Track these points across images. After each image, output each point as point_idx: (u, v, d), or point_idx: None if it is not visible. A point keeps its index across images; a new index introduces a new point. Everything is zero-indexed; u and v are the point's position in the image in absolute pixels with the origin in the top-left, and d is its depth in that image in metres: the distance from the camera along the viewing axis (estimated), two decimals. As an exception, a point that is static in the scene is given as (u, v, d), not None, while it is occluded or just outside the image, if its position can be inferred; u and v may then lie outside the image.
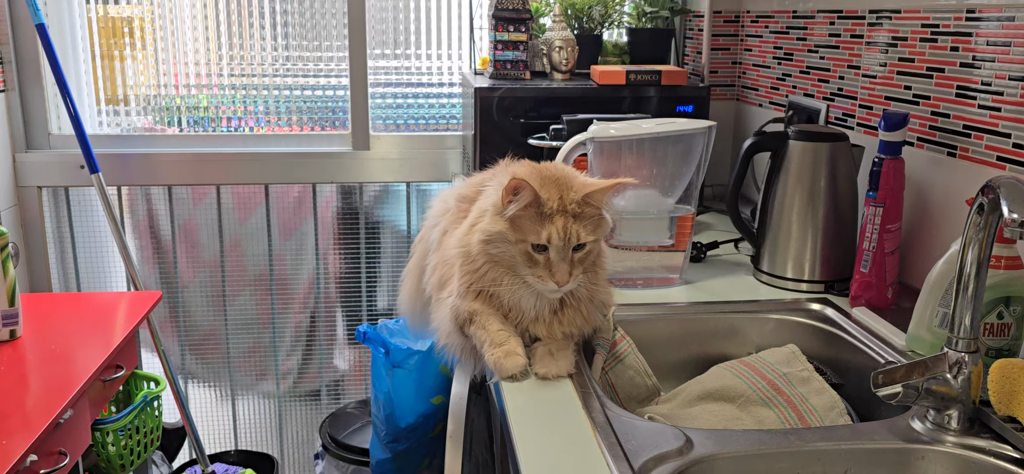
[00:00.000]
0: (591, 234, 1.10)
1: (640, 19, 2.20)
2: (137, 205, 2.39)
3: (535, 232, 1.07)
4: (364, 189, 2.43)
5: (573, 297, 1.14)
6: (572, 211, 1.08)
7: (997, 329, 1.10)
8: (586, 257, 1.11)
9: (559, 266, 1.08)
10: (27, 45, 2.19)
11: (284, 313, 2.50)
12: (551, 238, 1.07)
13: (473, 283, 1.13)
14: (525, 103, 1.91)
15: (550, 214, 1.07)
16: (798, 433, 0.99)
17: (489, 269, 1.12)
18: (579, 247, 1.10)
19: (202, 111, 2.38)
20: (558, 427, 0.99)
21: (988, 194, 0.89)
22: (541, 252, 1.08)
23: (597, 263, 1.18)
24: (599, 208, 1.12)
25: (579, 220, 1.09)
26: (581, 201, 1.09)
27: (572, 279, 1.09)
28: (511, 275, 1.11)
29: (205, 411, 2.54)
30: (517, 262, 1.10)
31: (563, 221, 1.07)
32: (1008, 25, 1.21)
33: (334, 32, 2.34)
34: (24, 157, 2.24)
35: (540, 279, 1.08)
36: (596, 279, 1.17)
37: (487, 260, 1.11)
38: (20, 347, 1.58)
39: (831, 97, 1.70)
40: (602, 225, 1.13)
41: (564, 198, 1.08)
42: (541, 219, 1.08)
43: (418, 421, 1.86)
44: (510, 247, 1.09)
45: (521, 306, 1.13)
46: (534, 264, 1.09)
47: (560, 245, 1.07)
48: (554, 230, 1.07)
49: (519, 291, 1.12)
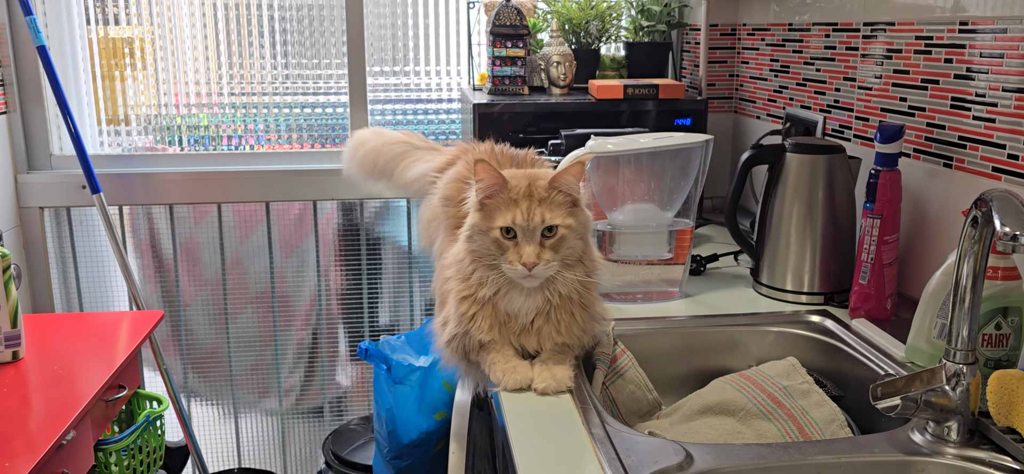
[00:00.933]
0: (560, 218, 1.13)
1: (637, 33, 2.21)
2: (139, 224, 2.40)
3: (503, 216, 1.12)
4: (365, 205, 2.44)
5: (562, 298, 1.16)
6: (539, 196, 1.12)
7: (995, 340, 1.10)
8: (560, 244, 1.13)
9: (525, 248, 1.11)
10: (28, 67, 2.21)
11: (286, 330, 2.50)
12: (516, 219, 1.11)
13: (466, 295, 1.16)
14: (524, 118, 1.92)
15: (516, 199, 1.12)
16: (798, 447, 0.99)
17: (475, 268, 1.16)
18: (550, 231, 1.12)
19: (203, 130, 2.39)
20: (558, 442, 0.99)
21: (981, 207, 0.90)
22: (511, 238, 1.12)
23: (589, 268, 1.19)
24: (569, 193, 1.15)
25: (545, 204, 1.12)
26: (548, 186, 1.13)
27: (541, 262, 1.11)
28: (495, 272, 1.15)
29: (208, 429, 2.54)
30: (492, 251, 1.14)
31: (528, 204, 1.12)
32: (1001, 37, 1.22)
33: (333, 49, 2.36)
34: (26, 178, 2.25)
35: (511, 264, 1.12)
36: (588, 286, 1.19)
37: (473, 259, 1.16)
38: (22, 368, 1.59)
39: (828, 109, 1.71)
40: (575, 213, 1.15)
41: (532, 185, 1.13)
42: (508, 204, 1.13)
43: (421, 437, 1.86)
44: (485, 237, 1.14)
45: (513, 307, 1.15)
46: (505, 250, 1.13)
47: (524, 226, 1.11)
48: (519, 212, 1.11)
49: (507, 290, 1.15)
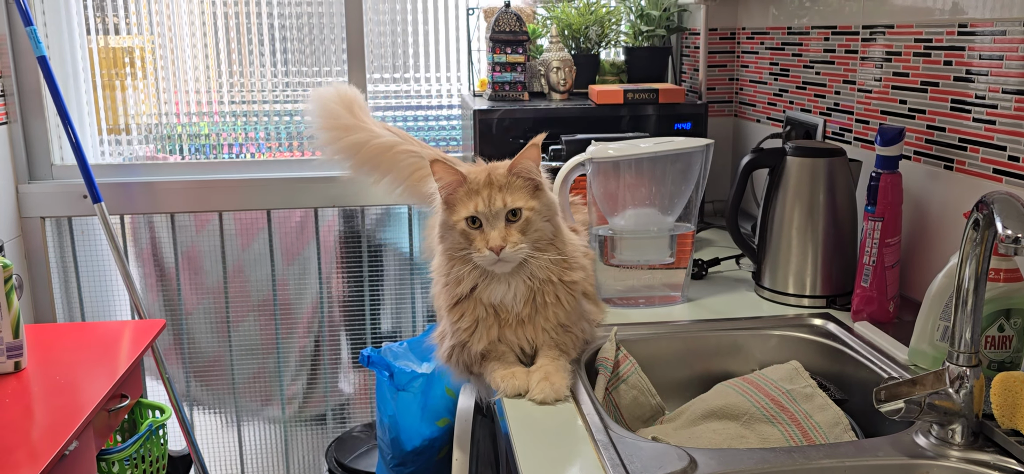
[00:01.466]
0: (522, 200, 1.16)
1: (637, 38, 2.21)
2: (140, 233, 2.40)
3: (465, 207, 1.15)
4: (366, 212, 2.44)
5: (541, 282, 1.18)
6: (499, 183, 1.16)
7: (998, 342, 1.10)
8: (526, 226, 1.16)
9: (490, 234, 1.14)
10: (29, 77, 2.21)
11: (288, 338, 2.50)
12: (478, 207, 1.14)
13: (455, 302, 1.19)
14: (524, 124, 1.92)
15: (477, 189, 1.16)
16: (802, 451, 0.99)
17: (453, 266, 1.19)
18: (514, 215, 1.15)
19: (203, 138, 2.40)
20: (561, 449, 0.99)
21: (983, 210, 0.90)
22: (477, 227, 1.15)
23: (561, 250, 1.20)
24: (529, 177, 1.18)
25: (507, 189, 1.16)
26: (507, 173, 1.17)
27: (509, 245, 1.14)
28: (469, 264, 1.17)
29: (211, 438, 2.54)
30: (462, 244, 1.16)
31: (488, 191, 1.15)
32: (1000, 39, 1.22)
33: (333, 57, 2.36)
34: (27, 188, 2.25)
35: (479, 252, 1.14)
36: (569, 265, 1.21)
37: (449, 258, 1.19)
38: (24, 379, 1.59)
39: (828, 112, 1.71)
40: (538, 196, 1.18)
41: (491, 174, 1.17)
42: (470, 195, 1.16)
43: (424, 445, 1.86)
44: (453, 232, 1.17)
45: (495, 298, 1.18)
46: (472, 240, 1.15)
47: (487, 212, 1.14)
48: (480, 200, 1.15)
49: (487, 281, 1.18)
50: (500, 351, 1.20)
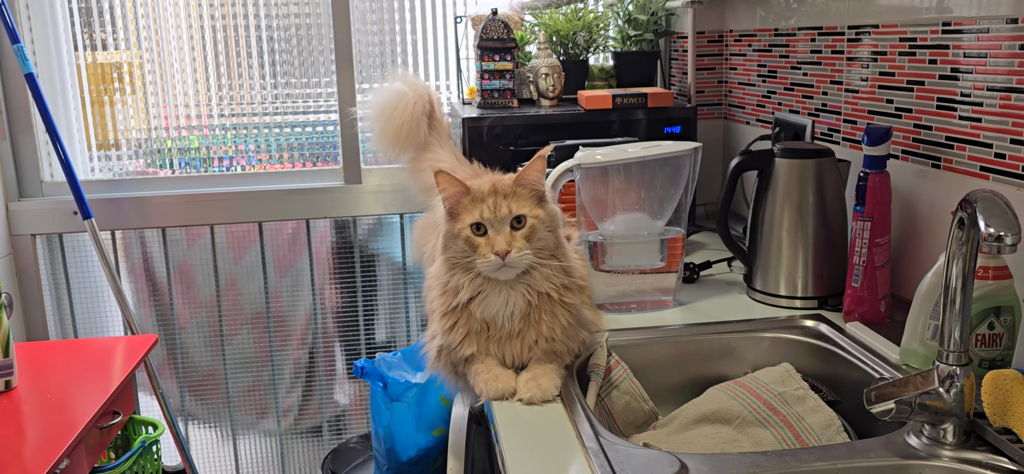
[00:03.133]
0: (527, 208, 1.17)
1: (625, 43, 2.22)
2: (132, 248, 2.39)
3: (470, 214, 1.16)
4: (358, 222, 2.44)
5: (541, 297, 1.18)
6: (504, 192, 1.17)
7: (989, 340, 1.10)
8: (530, 233, 1.16)
9: (496, 239, 1.14)
10: (17, 95, 2.21)
11: (282, 350, 2.49)
12: (483, 214, 1.15)
13: (448, 310, 1.19)
14: (514, 131, 1.92)
15: (482, 198, 1.16)
16: (794, 454, 0.99)
17: (453, 275, 1.18)
18: (519, 222, 1.16)
19: (193, 152, 2.39)
20: (552, 456, 0.99)
21: (966, 208, 0.90)
22: (481, 234, 1.15)
23: (562, 262, 1.20)
24: (534, 188, 1.19)
25: (512, 198, 1.16)
26: (513, 183, 1.18)
27: (514, 250, 1.14)
28: (471, 273, 1.17)
29: (206, 452, 2.53)
30: (466, 251, 1.16)
31: (494, 199, 1.16)
32: (984, 37, 1.23)
33: (322, 68, 2.36)
34: (17, 206, 2.24)
35: (484, 257, 1.14)
36: (570, 287, 1.21)
37: (449, 267, 1.19)
38: (16, 397, 1.58)
39: (816, 113, 1.71)
40: (543, 206, 1.19)
41: (496, 184, 1.18)
42: (475, 203, 1.17)
43: (419, 455, 1.85)
44: (457, 241, 1.17)
45: (490, 313, 1.17)
46: (477, 246, 1.15)
47: (492, 218, 1.15)
48: (486, 207, 1.15)
49: (485, 294, 1.17)
50: (486, 355, 1.20)
